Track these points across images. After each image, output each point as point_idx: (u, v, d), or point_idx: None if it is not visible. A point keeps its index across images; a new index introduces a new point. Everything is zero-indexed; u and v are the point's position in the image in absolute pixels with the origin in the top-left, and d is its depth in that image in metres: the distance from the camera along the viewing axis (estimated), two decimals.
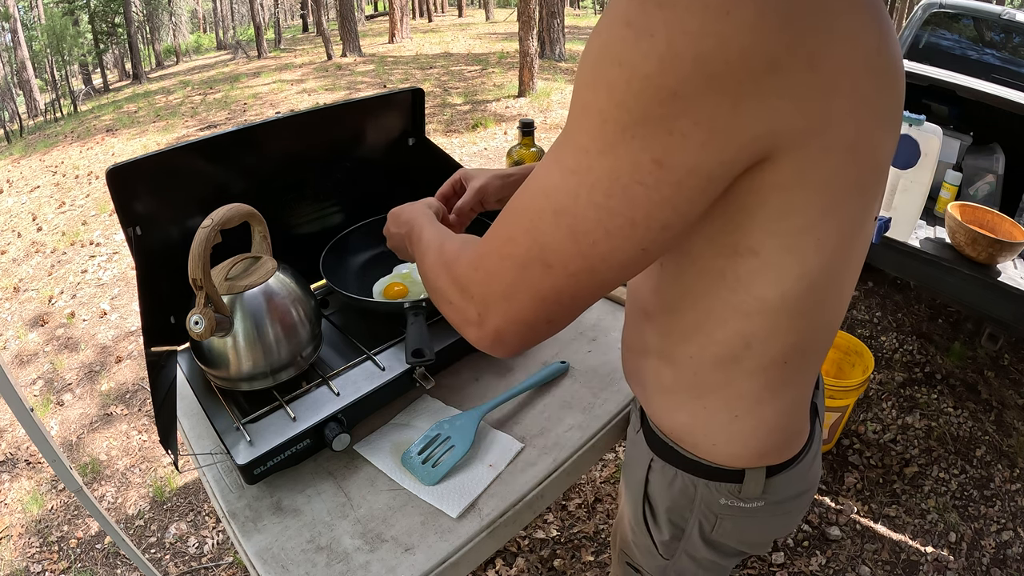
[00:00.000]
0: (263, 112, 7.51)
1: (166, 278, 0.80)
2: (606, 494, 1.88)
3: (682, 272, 0.52)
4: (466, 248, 0.51)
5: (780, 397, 0.57)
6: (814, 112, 0.38)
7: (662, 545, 0.70)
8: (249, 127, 0.90)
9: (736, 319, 0.51)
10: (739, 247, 0.46)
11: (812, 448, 0.66)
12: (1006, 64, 2.70)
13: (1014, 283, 1.81)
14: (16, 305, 3.42)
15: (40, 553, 1.82)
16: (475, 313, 0.47)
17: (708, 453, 0.61)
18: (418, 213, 0.71)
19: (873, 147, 0.43)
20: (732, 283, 0.49)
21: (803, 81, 0.36)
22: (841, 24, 0.37)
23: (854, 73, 0.38)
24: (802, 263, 0.46)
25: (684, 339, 0.56)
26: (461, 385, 0.94)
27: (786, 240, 0.45)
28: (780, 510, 0.65)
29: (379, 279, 1.06)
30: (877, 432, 2.07)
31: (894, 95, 0.44)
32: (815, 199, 0.43)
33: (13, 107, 14.24)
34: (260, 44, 13.99)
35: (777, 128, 0.37)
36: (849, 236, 0.48)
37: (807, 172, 0.41)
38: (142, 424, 2.36)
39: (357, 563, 0.68)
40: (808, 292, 0.48)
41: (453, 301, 0.50)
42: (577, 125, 0.39)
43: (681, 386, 0.59)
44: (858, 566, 1.62)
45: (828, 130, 0.39)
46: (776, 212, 0.43)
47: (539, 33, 7.88)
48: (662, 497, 0.67)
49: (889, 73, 0.42)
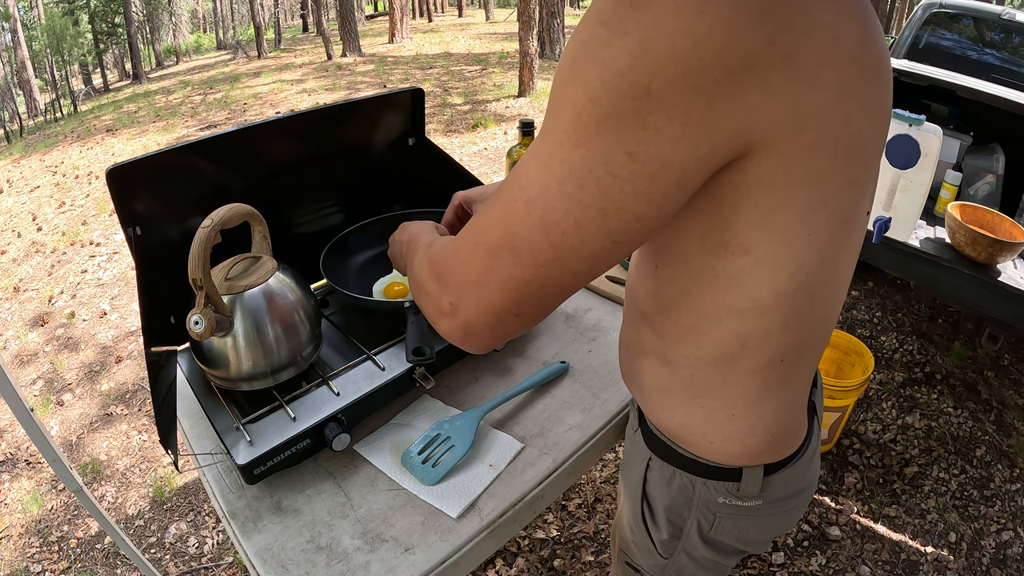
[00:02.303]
0: (263, 112, 7.51)
1: (166, 278, 0.80)
2: (606, 494, 1.88)
3: (676, 273, 0.52)
4: (448, 240, 0.53)
5: (777, 395, 0.57)
6: (795, 107, 0.38)
7: (661, 544, 0.70)
8: (249, 127, 0.90)
9: (731, 319, 0.51)
10: (729, 245, 0.46)
11: (810, 446, 0.66)
12: (1006, 64, 2.70)
13: (1014, 283, 1.81)
14: (16, 305, 3.42)
15: (40, 553, 1.82)
16: (448, 303, 0.48)
17: (706, 452, 0.61)
18: (426, 227, 0.71)
19: (862, 141, 0.43)
20: (725, 283, 0.49)
21: (781, 76, 0.36)
22: (819, 17, 0.37)
23: (837, 66, 0.38)
24: (793, 259, 0.46)
25: (680, 339, 0.56)
26: (461, 385, 0.94)
27: (776, 236, 0.45)
28: (778, 508, 0.65)
29: (379, 279, 1.06)
30: (877, 432, 2.07)
31: (881, 87, 0.44)
32: (803, 194, 0.43)
33: (13, 107, 14.24)
34: (260, 44, 13.99)
35: (756, 124, 0.38)
36: (841, 231, 0.48)
37: (792, 167, 0.41)
38: (142, 424, 2.36)
39: (357, 563, 0.68)
40: (801, 289, 0.48)
41: (430, 291, 0.51)
42: (553, 120, 0.40)
43: (678, 386, 0.59)
44: (858, 566, 1.62)
45: (811, 124, 0.39)
46: (763, 207, 0.43)
47: (539, 33, 7.89)
48: (661, 496, 0.67)
49: (874, 66, 0.42)
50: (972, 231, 1.82)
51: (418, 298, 0.54)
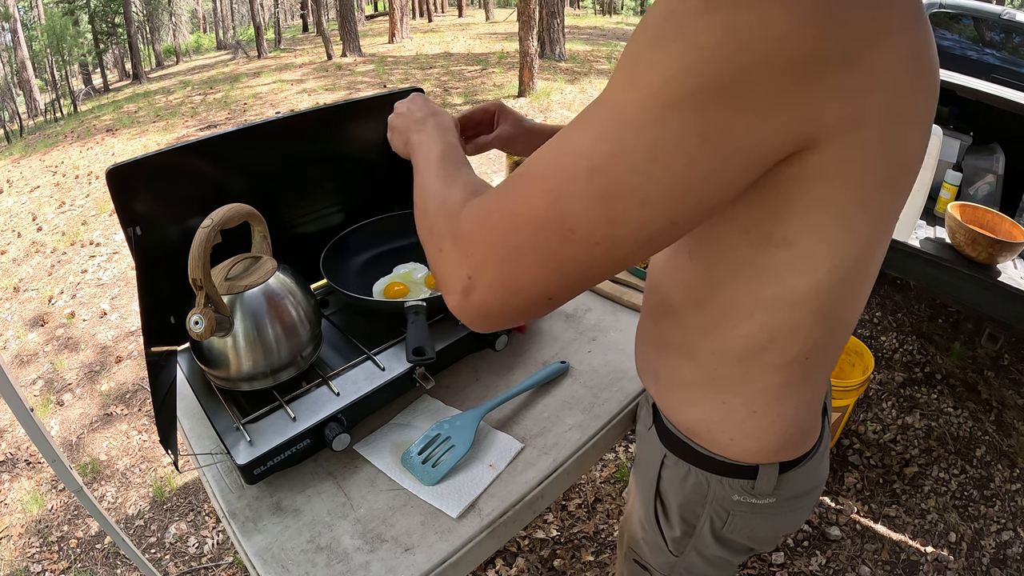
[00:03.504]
0: (263, 112, 7.50)
1: (166, 278, 0.80)
2: (606, 494, 1.88)
3: (713, 264, 0.52)
4: (475, 199, 0.46)
5: (798, 393, 0.58)
6: (858, 106, 0.39)
7: (672, 542, 0.71)
8: (249, 127, 0.90)
9: (763, 311, 0.51)
10: (774, 237, 0.46)
11: (822, 446, 0.67)
12: (1006, 64, 2.70)
13: (1014, 283, 1.81)
14: (16, 305, 3.42)
15: (40, 553, 1.82)
16: (465, 275, 0.43)
17: (724, 449, 0.62)
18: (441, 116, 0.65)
19: (905, 144, 0.44)
20: (764, 274, 0.49)
21: (850, 75, 0.37)
22: (887, 23, 0.38)
23: (895, 72, 0.39)
24: (833, 256, 0.47)
25: (707, 333, 0.56)
26: (461, 385, 0.94)
27: (820, 231, 0.45)
28: (789, 507, 0.66)
29: (379, 279, 1.06)
30: (877, 432, 2.07)
31: (928, 97, 0.45)
32: (850, 191, 0.43)
33: (13, 107, 14.24)
34: (260, 44, 13.99)
35: (822, 118, 0.38)
36: (878, 232, 0.49)
37: (847, 164, 0.41)
38: (142, 424, 2.36)
39: (357, 563, 0.68)
40: (837, 285, 0.49)
41: (444, 250, 0.45)
42: (624, 92, 0.39)
43: (700, 381, 0.60)
44: (858, 566, 1.62)
45: (869, 124, 0.40)
46: (814, 202, 0.43)
47: (539, 33, 7.88)
48: (675, 493, 0.67)
49: (926, 76, 0.43)
50: (972, 231, 1.82)
51: (426, 243, 0.49)
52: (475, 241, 0.42)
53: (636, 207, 0.38)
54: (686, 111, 0.36)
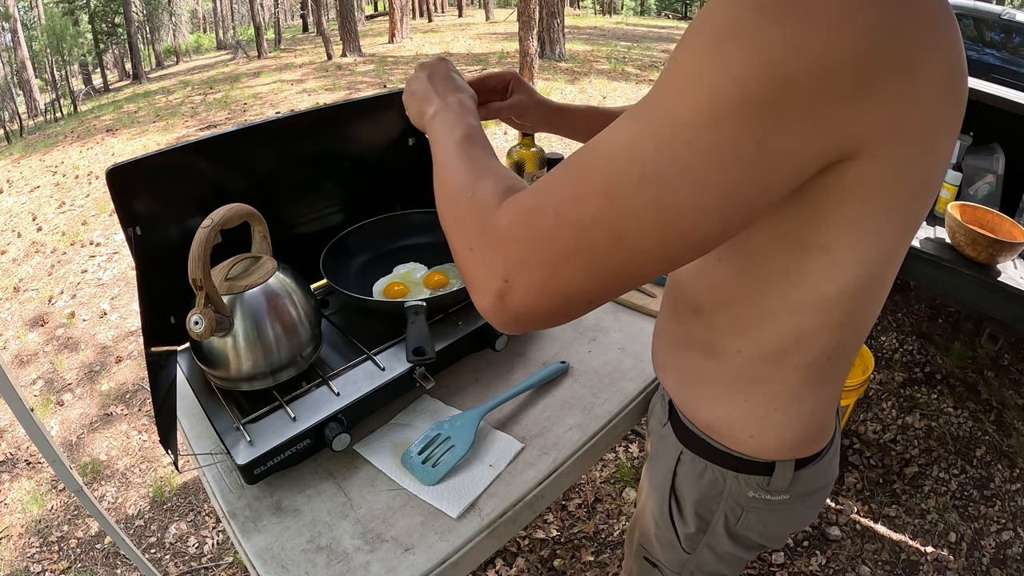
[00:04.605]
0: (263, 112, 7.51)
1: (166, 278, 0.80)
2: (606, 494, 1.88)
3: (744, 268, 0.52)
4: (512, 196, 0.43)
5: (817, 393, 0.59)
6: (903, 119, 0.39)
7: (686, 538, 0.71)
8: (249, 127, 0.90)
9: (790, 314, 0.52)
10: (809, 244, 0.47)
11: (834, 443, 0.68)
12: (1006, 64, 2.70)
13: (1014, 283, 1.81)
14: (16, 305, 3.42)
15: (40, 553, 1.82)
16: (501, 279, 0.41)
17: (743, 445, 0.62)
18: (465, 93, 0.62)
19: (935, 155, 0.44)
20: (795, 279, 0.49)
21: (898, 89, 0.38)
22: (932, 39, 0.39)
23: (936, 87, 0.40)
24: (862, 260, 0.47)
25: (734, 333, 0.57)
26: (461, 385, 0.94)
27: (854, 239, 0.46)
28: (802, 503, 0.67)
29: (379, 279, 1.06)
30: (877, 432, 2.07)
31: (959, 111, 0.45)
32: (884, 202, 0.44)
33: (13, 107, 14.24)
34: (260, 44, 14.00)
35: (869, 130, 0.39)
36: (903, 239, 0.50)
37: (885, 175, 0.42)
38: (142, 424, 2.36)
39: (357, 563, 0.68)
40: (862, 289, 0.50)
41: (476, 249, 0.43)
42: (679, 95, 0.38)
43: (724, 379, 0.60)
44: (858, 566, 1.62)
45: (909, 138, 0.41)
46: (852, 212, 0.44)
47: (539, 33, 7.88)
48: (690, 490, 0.68)
49: (959, 93, 0.44)
50: (972, 231, 1.82)
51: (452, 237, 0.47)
52: (513, 241, 0.41)
53: (691, 214, 0.38)
54: (745, 117, 0.36)
